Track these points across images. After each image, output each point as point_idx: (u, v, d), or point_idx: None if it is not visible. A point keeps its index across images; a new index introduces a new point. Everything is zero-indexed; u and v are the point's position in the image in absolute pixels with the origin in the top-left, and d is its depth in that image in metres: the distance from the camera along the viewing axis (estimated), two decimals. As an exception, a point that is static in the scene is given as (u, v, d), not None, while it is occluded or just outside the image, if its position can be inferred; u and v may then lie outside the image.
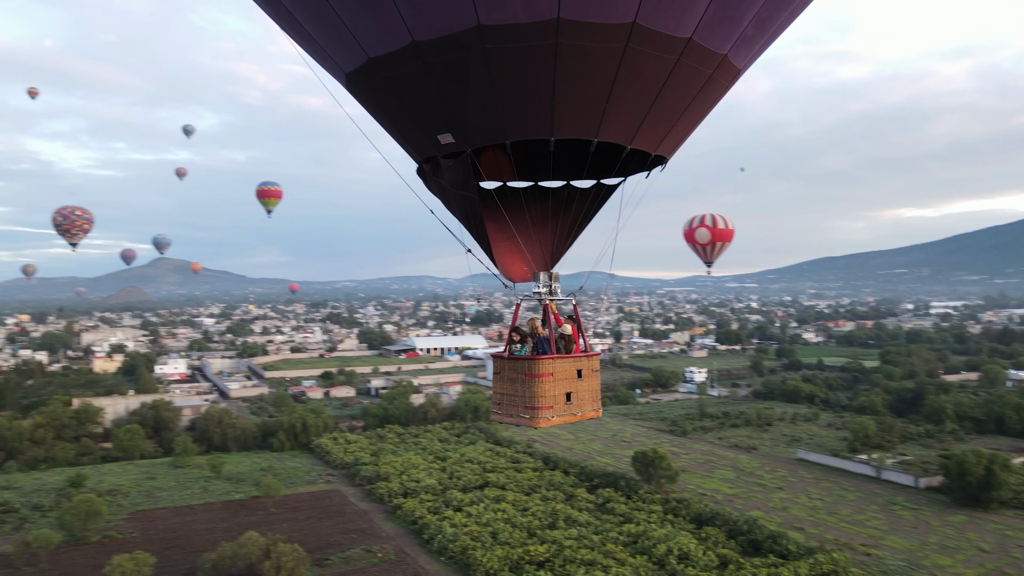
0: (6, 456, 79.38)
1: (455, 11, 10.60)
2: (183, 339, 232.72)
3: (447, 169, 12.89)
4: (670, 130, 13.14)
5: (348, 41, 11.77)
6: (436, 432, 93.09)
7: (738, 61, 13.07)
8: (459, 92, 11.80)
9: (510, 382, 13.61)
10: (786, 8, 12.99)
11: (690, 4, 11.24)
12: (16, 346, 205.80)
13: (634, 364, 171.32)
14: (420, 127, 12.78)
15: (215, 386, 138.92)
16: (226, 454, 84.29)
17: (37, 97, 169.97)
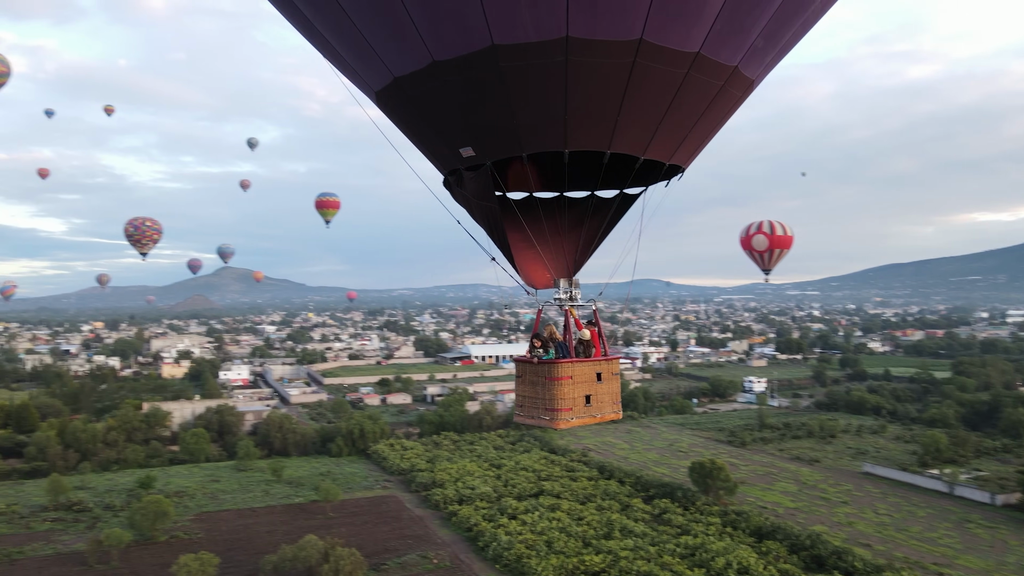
0: (81, 457, 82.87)
1: (470, 32, 11.18)
2: (246, 346, 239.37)
3: (469, 181, 13.51)
4: (683, 140, 13.50)
5: (375, 62, 12.47)
6: (491, 439, 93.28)
7: (750, 72, 13.32)
8: (477, 108, 12.43)
9: (531, 385, 14.20)
10: (796, 20, 13.19)
11: (696, 20, 11.56)
12: (91, 352, 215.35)
13: (691, 373, 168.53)
14: (443, 141, 13.43)
15: (276, 392, 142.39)
16: (286, 458, 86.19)
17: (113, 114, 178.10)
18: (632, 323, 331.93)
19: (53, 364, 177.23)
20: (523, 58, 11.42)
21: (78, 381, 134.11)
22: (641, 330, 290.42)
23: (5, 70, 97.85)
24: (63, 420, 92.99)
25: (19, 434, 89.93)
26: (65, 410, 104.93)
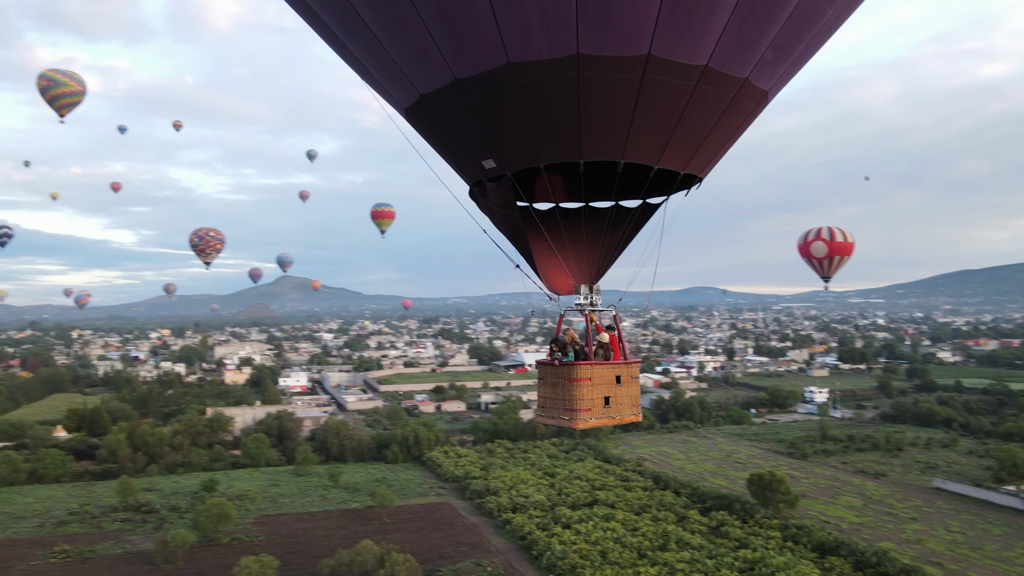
0: (149, 460, 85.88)
1: (488, 51, 11.92)
2: (304, 353, 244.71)
3: (492, 191, 14.27)
4: (697, 150, 13.98)
5: (402, 80, 13.38)
6: (545, 448, 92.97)
7: (762, 83, 13.72)
8: (497, 122, 13.15)
9: (552, 386, 14.81)
10: (806, 33, 13.54)
11: (703, 34, 12.06)
12: (158, 358, 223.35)
13: (748, 383, 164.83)
14: (467, 154, 14.20)
15: (333, 398, 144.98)
16: (343, 464, 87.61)
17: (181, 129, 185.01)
18: (687, 331, 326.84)
19: (123, 370, 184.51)
20: (537, 74, 12.07)
21: (146, 386, 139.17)
22: (697, 338, 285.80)
23: (80, 89, 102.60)
24: (132, 424, 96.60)
25: (92, 437, 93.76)
26: (134, 414, 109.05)
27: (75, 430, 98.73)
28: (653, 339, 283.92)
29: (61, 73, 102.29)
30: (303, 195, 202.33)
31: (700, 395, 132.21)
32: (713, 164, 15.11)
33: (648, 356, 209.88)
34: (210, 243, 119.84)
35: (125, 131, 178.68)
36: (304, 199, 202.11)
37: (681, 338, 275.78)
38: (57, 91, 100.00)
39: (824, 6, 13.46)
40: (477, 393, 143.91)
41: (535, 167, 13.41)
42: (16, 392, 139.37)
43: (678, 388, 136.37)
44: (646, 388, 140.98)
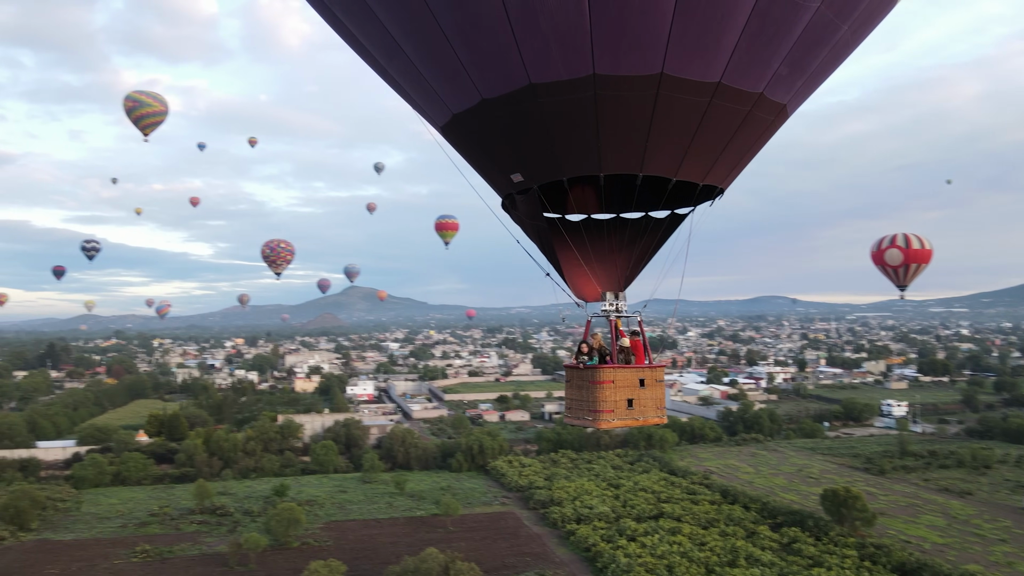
0: (223, 464, 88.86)
1: (511, 73, 12.84)
2: (371, 362, 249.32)
3: (521, 203, 15.20)
4: (715, 163, 14.52)
5: (436, 101, 14.45)
6: (609, 459, 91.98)
7: (779, 97, 14.18)
8: (522, 138, 14.04)
9: (577, 388, 15.51)
10: (820, 49, 13.92)
11: (714, 53, 12.64)
12: (233, 367, 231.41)
13: (821, 395, 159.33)
14: (497, 168, 15.16)
15: (399, 407, 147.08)
16: (408, 472, 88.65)
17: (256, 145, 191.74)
18: (756, 342, 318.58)
19: (200, 377, 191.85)
20: (557, 94, 12.92)
21: (221, 393, 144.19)
22: (766, 349, 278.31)
23: (163, 109, 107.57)
24: (208, 430, 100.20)
25: (171, 441, 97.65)
26: (210, 420, 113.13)
27: (156, 435, 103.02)
28: (720, 349, 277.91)
29: (145, 94, 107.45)
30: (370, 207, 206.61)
31: (770, 407, 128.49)
32: (734, 175, 15.60)
33: (715, 367, 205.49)
34: (281, 254, 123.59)
35: (204, 148, 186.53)
36: (371, 211, 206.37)
37: (749, 348, 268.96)
38: (142, 111, 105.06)
39: (838, 22, 13.71)
40: (541, 403, 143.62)
41: (559, 180, 14.22)
42: (102, 398, 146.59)
43: (746, 400, 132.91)
44: (713, 399, 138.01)
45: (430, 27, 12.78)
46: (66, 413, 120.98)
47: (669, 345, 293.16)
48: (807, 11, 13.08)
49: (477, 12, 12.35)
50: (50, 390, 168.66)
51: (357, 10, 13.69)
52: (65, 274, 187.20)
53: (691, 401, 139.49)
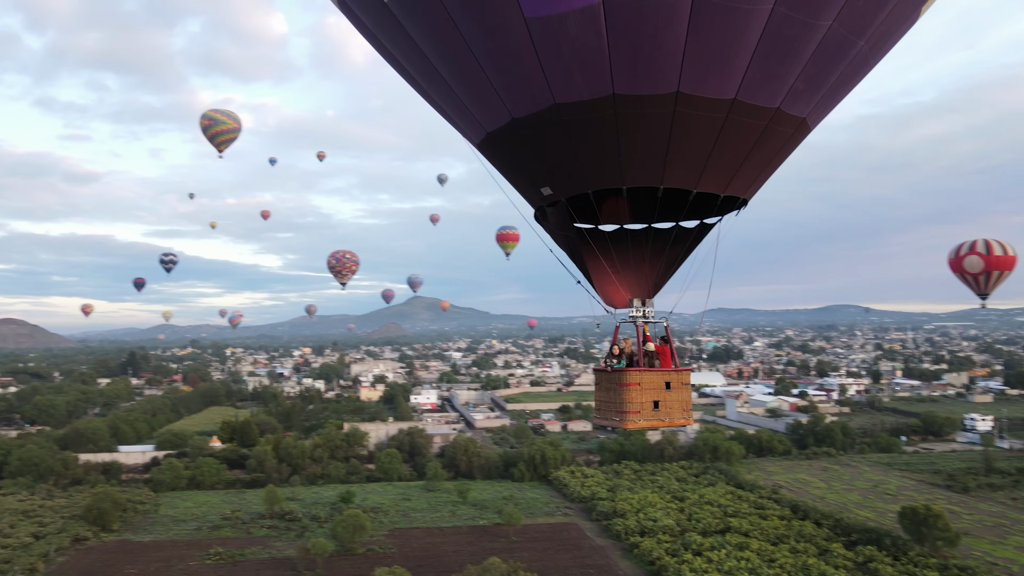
0: (292, 471, 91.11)
1: (537, 94, 13.81)
2: (434, 371, 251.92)
3: (551, 215, 16.26)
4: (734, 175, 15.12)
5: (472, 120, 15.57)
6: (673, 471, 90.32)
7: (797, 111, 14.68)
8: (550, 154, 14.96)
9: (606, 390, 16.47)
10: (837, 65, 14.36)
11: (727, 71, 13.26)
12: (300, 375, 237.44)
13: (897, 408, 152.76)
14: (529, 182, 16.15)
15: (462, 416, 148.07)
16: (471, 481, 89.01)
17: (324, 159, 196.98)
18: (826, 352, 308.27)
19: (270, 386, 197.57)
20: (580, 113, 13.79)
21: (290, 401, 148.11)
22: (837, 359, 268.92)
23: (236, 126, 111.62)
24: (277, 436, 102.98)
25: (242, 448, 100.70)
26: (279, 427, 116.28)
27: (228, 441, 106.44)
28: (788, 360, 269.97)
29: (220, 112, 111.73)
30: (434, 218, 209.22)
31: (842, 420, 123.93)
32: (757, 186, 16.15)
33: (783, 378, 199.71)
34: (346, 265, 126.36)
35: (275, 163, 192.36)
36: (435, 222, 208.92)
37: (819, 359, 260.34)
38: (217, 129, 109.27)
39: (852, 39, 14.09)
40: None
41: (584, 193, 15.05)
42: (179, 405, 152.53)
43: (817, 412, 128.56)
44: (781, 411, 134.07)
45: (464, 54, 13.93)
46: (145, 419, 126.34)
47: (735, 355, 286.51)
48: (818, 30, 13.47)
49: (505, 39, 13.31)
50: (131, 397, 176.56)
51: (400, 40, 14.95)
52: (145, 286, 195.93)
53: (758, 413, 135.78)
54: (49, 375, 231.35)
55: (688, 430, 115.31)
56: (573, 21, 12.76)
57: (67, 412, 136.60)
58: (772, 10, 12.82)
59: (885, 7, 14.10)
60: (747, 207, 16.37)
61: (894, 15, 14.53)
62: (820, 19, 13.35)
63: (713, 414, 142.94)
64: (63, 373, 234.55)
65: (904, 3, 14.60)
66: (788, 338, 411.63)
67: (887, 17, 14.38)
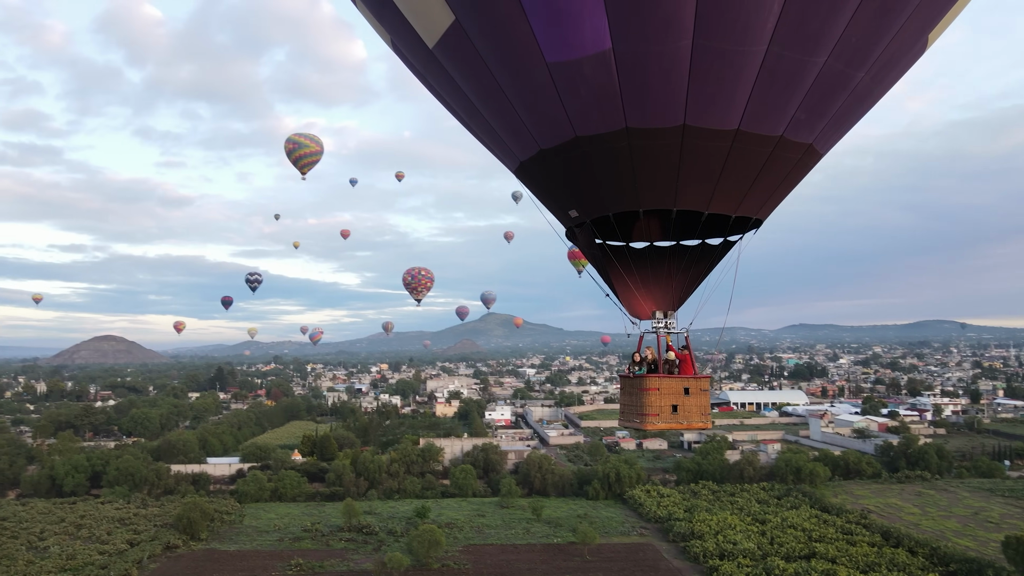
0: (369, 485, 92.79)
1: (560, 128, 15.73)
2: (508, 387, 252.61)
3: (579, 234, 18.11)
4: (744, 198, 16.49)
5: (508, 151, 17.76)
6: (753, 492, 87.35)
7: (802, 138, 15.92)
8: (575, 181, 16.84)
9: (629, 395, 18.09)
10: (839, 95, 15.51)
11: (730, 103, 14.67)
12: (378, 391, 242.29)
13: (999, 430, 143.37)
14: (558, 205, 18.15)
15: (536, 432, 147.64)
16: (545, 498, 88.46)
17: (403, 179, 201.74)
18: (919, 370, 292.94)
19: (348, 401, 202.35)
20: (598, 144, 15.55)
21: (367, 417, 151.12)
22: (931, 378, 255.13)
23: (319, 149, 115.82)
24: (355, 451, 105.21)
25: (322, 461, 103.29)
26: (357, 442, 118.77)
27: (308, 454, 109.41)
28: (876, 378, 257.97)
29: (304, 136, 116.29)
30: (508, 236, 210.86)
31: (937, 442, 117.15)
32: (769, 207, 17.49)
33: (871, 396, 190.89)
34: (421, 281, 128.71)
35: (356, 183, 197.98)
36: (509, 239, 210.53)
37: (911, 377, 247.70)
38: (301, 152, 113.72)
39: (850, 72, 15.21)
40: (679, 431, 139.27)
41: (606, 215, 16.87)
42: (262, 418, 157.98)
43: (909, 433, 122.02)
44: (870, 432, 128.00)
45: (497, 94, 16.02)
46: (232, 432, 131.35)
47: (818, 373, 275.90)
48: (814, 66, 14.69)
49: (531, 81, 15.32)
50: (218, 410, 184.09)
51: (445, 82, 17.27)
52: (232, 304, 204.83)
53: (844, 433, 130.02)
54: (144, 389, 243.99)
55: (769, 450, 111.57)
56: (588, 65, 14.55)
57: (160, 425, 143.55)
58: (767, 51, 14.17)
59: (881, 41, 15.11)
60: (763, 225, 17.94)
61: (895, 46, 15.50)
62: (815, 56, 14.55)
63: (796, 434, 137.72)
64: (157, 387, 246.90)
65: (906, 34, 15.46)
66: (876, 355, 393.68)
67: (886, 50, 15.39)
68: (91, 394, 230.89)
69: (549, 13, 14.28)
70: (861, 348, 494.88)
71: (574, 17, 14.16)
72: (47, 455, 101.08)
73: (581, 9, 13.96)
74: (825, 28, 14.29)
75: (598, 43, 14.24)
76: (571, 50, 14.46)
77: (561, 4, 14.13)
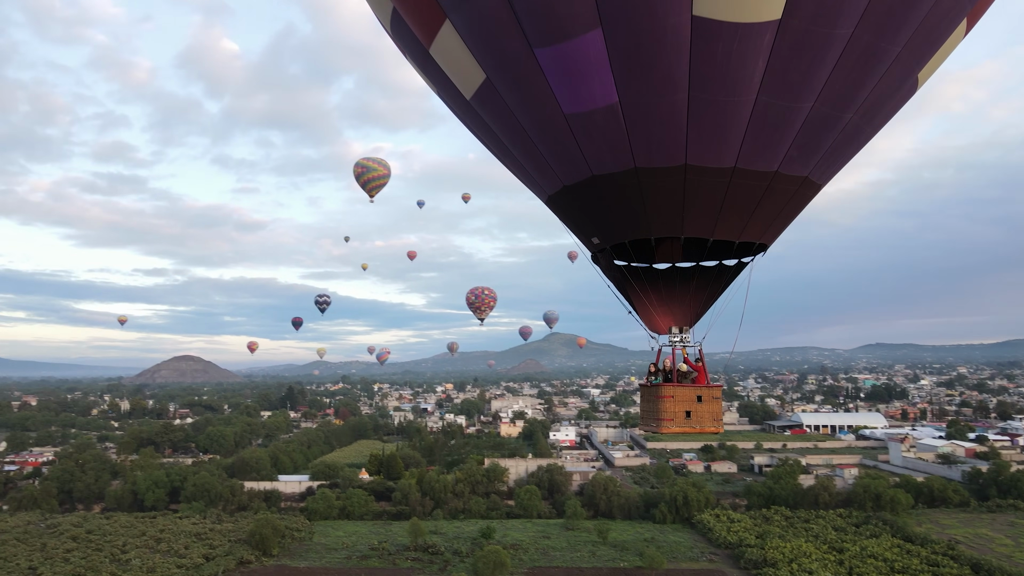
0: (435, 504, 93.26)
1: (579, 168, 18.22)
2: (572, 408, 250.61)
3: (601, 258, 20.51)
4: (746, 226, 18.37)
5: (537, 185, 20.52)
6: (830, 519, 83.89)
7: (796, 172, 17.74)
8: (594, 212, 19.37)
9: (647, 401, 20.16)
10: (830, 134, 17.18)
11: (725, 145, 16.61)
12: (443, 410, 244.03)
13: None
14: (582, 233, 20.58)
15: (601, 454, 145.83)
16: (611, 521, 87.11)
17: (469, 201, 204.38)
18: (1009, 392, 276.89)
19: (414, 420, 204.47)
20: (611, 182, 17.88)
21: (433, 436, 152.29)
22: (1022, 400, 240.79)
23: (386, 172, 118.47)
24: (421, 470, 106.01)
25: (388, 480, 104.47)
26: (422, 461, 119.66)
27: (375, 473, 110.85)
28: (961, 400, 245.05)
29: (372, 160, 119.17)
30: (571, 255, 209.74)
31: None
32: (772, 232, 19.26)
33: (956, 420, 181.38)
34: (484, 300, 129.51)
35: (423, 205, 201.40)
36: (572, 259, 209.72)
37: (1000, 400, 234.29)
38: (369, 176, 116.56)
39: (837, 114, 16.74)
40: (749, 454, 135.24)
41: (622, 242, 19.14)
42: (331, 437, 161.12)
43: (1000, 459, 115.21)
44: (955, 457, 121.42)
45: (525, 138, 18.67)
46: (302, 450, 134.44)
47: (897, 394, 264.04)
48: (801, 111, 16.34)
49: (552, 129, 17.76)
50: (289, 429, 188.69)
51: (481, 126, 20.10)
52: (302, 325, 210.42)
53: (928, 459, 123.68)
54: (220, 407, 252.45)
55: (846, 475, 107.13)
56: (599, 116, 16.81)
57: (234, 442, 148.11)
58: (756, 99, 15.87)
59: (866, 86, 16.55)
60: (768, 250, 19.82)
61: (882, 89, 16.92)
62: (801, 102, 16.20)
63: (874, 458, 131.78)
64: (231, 406, 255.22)
65: (893, 78, 16.82)
66: (961, 376, 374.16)
67: (873, 92, 16.81)
68: (170, 412, 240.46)
69: (563, 73, 16.49)
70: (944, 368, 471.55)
71: (585, 76, 16.32)
72: (130, 471, 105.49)
73: (590, 70, 16.11)
74: (808, 77, 15.93)
75: (607, 97, 16.41)
76: (584, 103, 16.76)
77: (573, 65, 16.22)
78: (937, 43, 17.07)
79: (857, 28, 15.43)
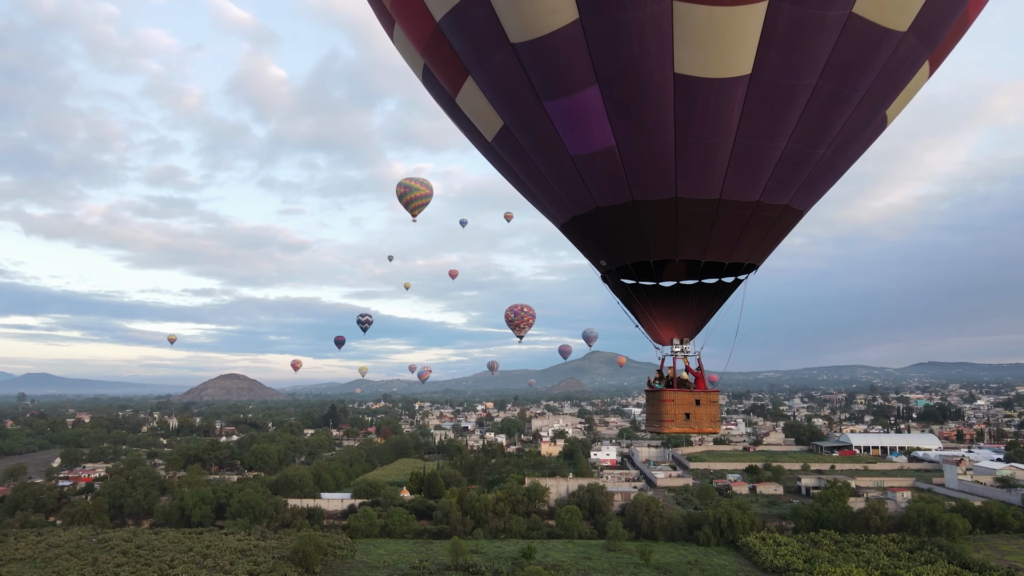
0: (475, 524, 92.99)
1: (585, 201, 21.12)
2: (613, 427, 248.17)
3: (608, 278, 23.28)
4: (733, 250, 20.95)
5: (552, 215, 23.71)
6: (882, 543, 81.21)
7: (777, 201, 20.22)
8: (600, 239, 22.29)
9: (651, 404, 22.79)
10: (804, 168, 19.63)
11: (709, 180, 19.12)
12: (483, 429, 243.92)
13: None
14: (592, 256, 23.39)
15: (642, 474, 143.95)
16: (653, 542, 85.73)
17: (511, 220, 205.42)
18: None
19: (455, 439, 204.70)
20: (612, 214, 20.66)
21: (473, 455, 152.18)
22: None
23: (429, 192, 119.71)
24: (462, 489, 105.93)
25: (429, 499, 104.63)
26: (463, 480, 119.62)
27: (416, 492, 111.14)
28: (1021, 421, 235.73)
29: (414, 180, 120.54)
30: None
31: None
32: (760, 253, 21.85)
33: (1015, 441, 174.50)
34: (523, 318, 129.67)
35: (466, 224, 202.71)
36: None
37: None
38: (411, 195, 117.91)
39: (810, 150, 19.06)
40: (796, 476, 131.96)
41: (626, 264, 21.84)
42: (372, 455, 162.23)
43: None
44: (1016, 481, 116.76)
45: (537, 175, 21.75)
46: (344, 468, 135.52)
47: (952, 415, 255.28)
48: (775, 149, 18.63)
49: (561, 168, 20.65)
50: (331, 447, 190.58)
51: (501, 163, 23.35)
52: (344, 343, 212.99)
53: (985, 482, 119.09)
54: (264, 425, 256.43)
55: (898, 498, 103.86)
56: (600, 157, 19.53)
57: (278, 459, 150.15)
58: (734, 140, 18.28)
59: (834, 126, 18.71)
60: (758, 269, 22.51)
61: (851, 127, 19.03)
62: (775, 142, 18.49)
63: (928, 481, 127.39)
64: (276, 423, 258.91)
65: (860, 117, 18.84)
66: (1020, 396, 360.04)
67: (842, 130, 18.95)
68: (217, 429, 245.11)
69: (568, 121, 19.25)
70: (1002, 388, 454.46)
71: (586, 124, 19.03)
72: (178, 487, 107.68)
73: (590, 119, 18.84)
74: (779, 122, 18.22)
75: (605, 141, 19.08)
76: (587, 146, 19.52)
77: (576, 115, 18.92)
78: (900, 86, 19.08)
79: (820, 79, 17.61)
